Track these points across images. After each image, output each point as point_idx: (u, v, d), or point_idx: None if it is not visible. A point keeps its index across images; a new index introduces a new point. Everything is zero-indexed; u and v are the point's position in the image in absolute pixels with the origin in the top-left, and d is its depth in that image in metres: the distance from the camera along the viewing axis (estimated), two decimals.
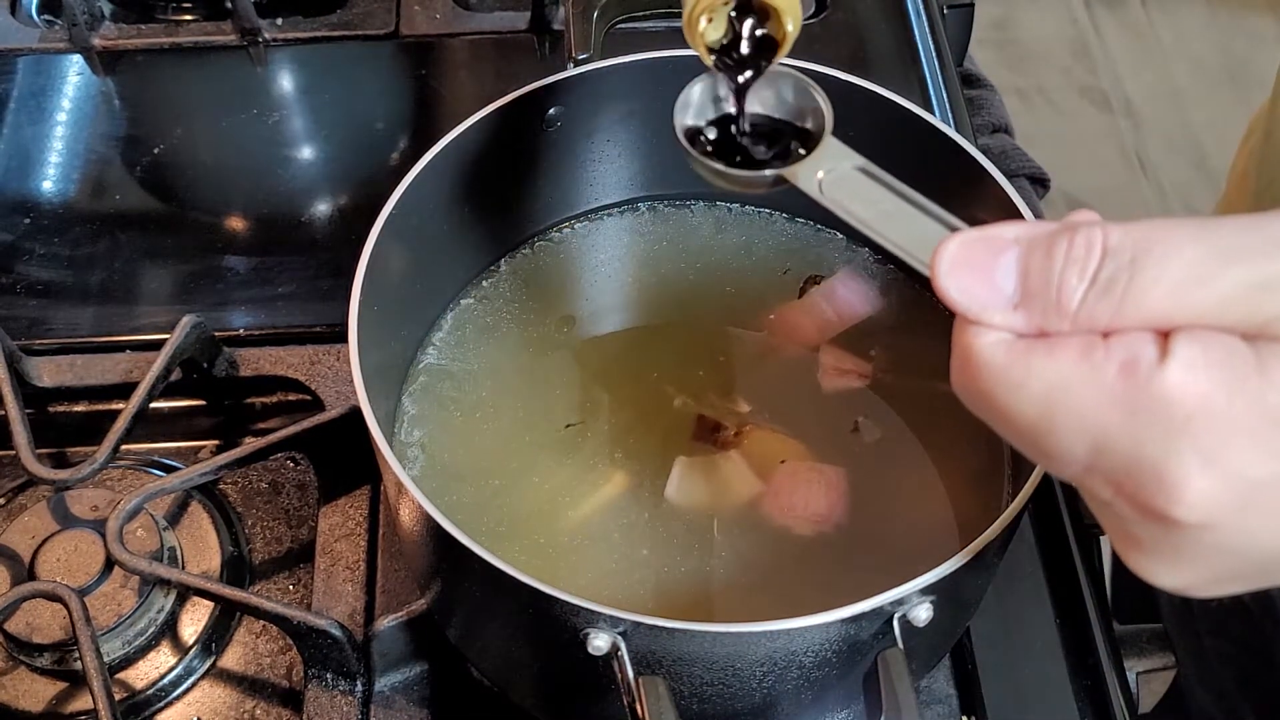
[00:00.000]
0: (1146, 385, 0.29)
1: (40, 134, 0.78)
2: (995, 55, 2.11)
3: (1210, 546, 0.31)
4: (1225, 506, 0.29)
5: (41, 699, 0.57)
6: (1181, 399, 0.29)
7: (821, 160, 0.40)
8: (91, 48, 0.82)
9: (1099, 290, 0.30)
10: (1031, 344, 0.31)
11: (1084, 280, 0.30)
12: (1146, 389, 0.29)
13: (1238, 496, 0.29)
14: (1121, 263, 0.30)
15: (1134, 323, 0.30)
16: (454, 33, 0.84)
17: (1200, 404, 0.29)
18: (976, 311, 0.32)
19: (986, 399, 0.32)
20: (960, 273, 0.32)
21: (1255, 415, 0.29)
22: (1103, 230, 0.30)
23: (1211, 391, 0.29)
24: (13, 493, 0.63)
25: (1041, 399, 0.31)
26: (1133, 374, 0.29)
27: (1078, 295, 0.30)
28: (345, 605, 0.58)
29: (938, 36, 0.82)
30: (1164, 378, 0.29)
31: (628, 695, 0.43)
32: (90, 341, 0.68)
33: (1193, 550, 0.31)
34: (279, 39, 0.83)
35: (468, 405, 0.58)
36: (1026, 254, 0.31)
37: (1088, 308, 0.30)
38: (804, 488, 0.54)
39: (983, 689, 0.56)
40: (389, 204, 0.52)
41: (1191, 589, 0.33)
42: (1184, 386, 0.29)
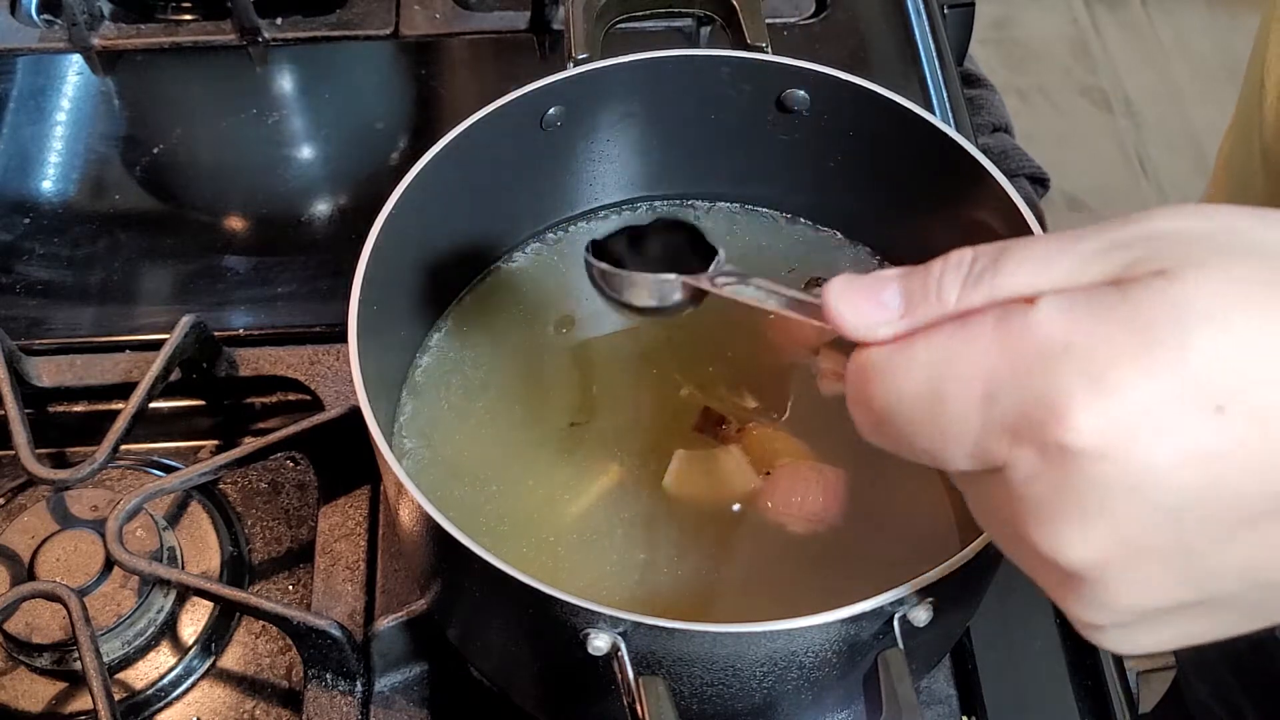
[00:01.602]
0: (1023, 329, 0.31)
1: (40, 134, 0.78)
2: (995, 55, 2.11)
3: (1111, 485, 0.30)
4: (1116, 428, 0.29)
5: (41, 699, 0.57)
6: (1056, 331, 0.30)
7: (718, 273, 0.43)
8: (91, 47, 0.82)
9: (973, 282, 0.32)
10: (913, 335, 0.33)
11: (959, 278, 0.33)
12: (1023, 332, 0.31)
13: (1126, 418, 0.29)
14: (989, 258, 0.32)
15: (1005, 295, 0.32)
16: (454, 32, 0.84)
17: (1074, 332, 0.30)
18: (866, 328, 0.34)
19: (878, 402, 0.34)
20: (849, 296, 0.35)
21: (1128, 335, 0.29)
22: (973, 248, 0.33)
23: (1082, 319, 0.30)
24: (12, 493, 0.63)
25: (927, 374, 0.32)
26: (1007, 322, 0.31)
27: (955, 291, 0.33)
28: (345, 605, 0.58)
29: (938, 36, 0.82)
30: (1037, 318, 0.31)
31: (628, 695, 0.43)
32: (90, 341, 0.68)
33: (1094, 493, 0.30)
34: (279, 39, 0.83)
35: (468, 405, 0.58)
36: (906, 277, 0.34)
37: (963, 297, 0.32)
38: (802, 486, 0.54)
39: (983, 689, 0.56)
40: (389, 204, 0.52)
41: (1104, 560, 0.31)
42: (1056, 320, 0.30)
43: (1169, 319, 0.29)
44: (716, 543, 0.53)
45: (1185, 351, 0.29)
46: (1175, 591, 0.31)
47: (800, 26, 0.83)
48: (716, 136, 0.61)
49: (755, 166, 0.62)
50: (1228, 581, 0.31)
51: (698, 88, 0.59)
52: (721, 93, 0.59)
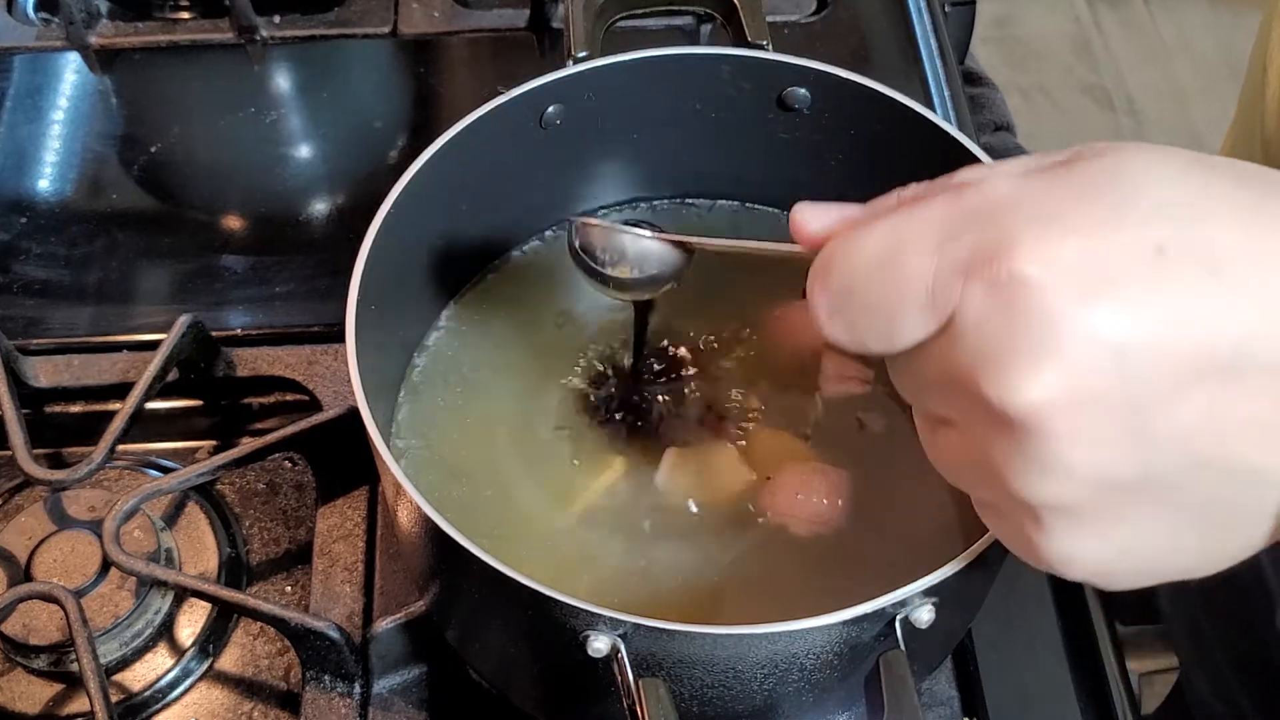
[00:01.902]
0: (975, 190, 0.33)
1: (37, 133, 0.78)
2: (997, 53, 2.11)
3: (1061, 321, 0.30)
4: (1063, 264, 0.30)
5: (38, 701, 0.56)
6: (1007, 190, 0.32)
7: None
8: (88, 46, 0.82)
9: (931, 185, 0.35)
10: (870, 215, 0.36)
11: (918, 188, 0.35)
12: (976, 192, 0.33)
13: (1072, 256, 0.30)
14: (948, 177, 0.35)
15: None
16: (452, 31, 0.83)
17: (1023, 190, 0.32)
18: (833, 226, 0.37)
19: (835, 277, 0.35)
20: (813, 210, 0.38)
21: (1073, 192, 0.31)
22: None
23: (1032, 183, 0.32)
24: (9, 493, 0.63)
25: (885, 235, 0.34)
26: (959, 188, 0.33)
27: (912, 192, 0.35)
28: (343, 607, 0.57)
29: (940, 34, 0.82)
30: (989, 182, 0.33)
31: (628, 697, 0.42)
32: (87, 341, 0.67)
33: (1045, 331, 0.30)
34: (276, 37, 0.82)
35: (466, 405, 0.57)
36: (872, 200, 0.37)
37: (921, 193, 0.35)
38: (806, 488, 0.53)
39: (985, 691, 0.56)
40: (387, 203, 0.52)
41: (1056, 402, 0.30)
42: (1006, 183, 0.32)
43: (1109, 178, 0.31)
44: (718, 544, 0.53)
45: (1123, 200, 0.31)
46: (1121, 455, 0.31)
47: (801, 24, 0.82)
48: (717, 135, 0.61)
49: (756, 165, 0.62)
50: (1173, 454, 0.31)
51: (698, 86, 0.59)
52: (722, 91, 0.58)
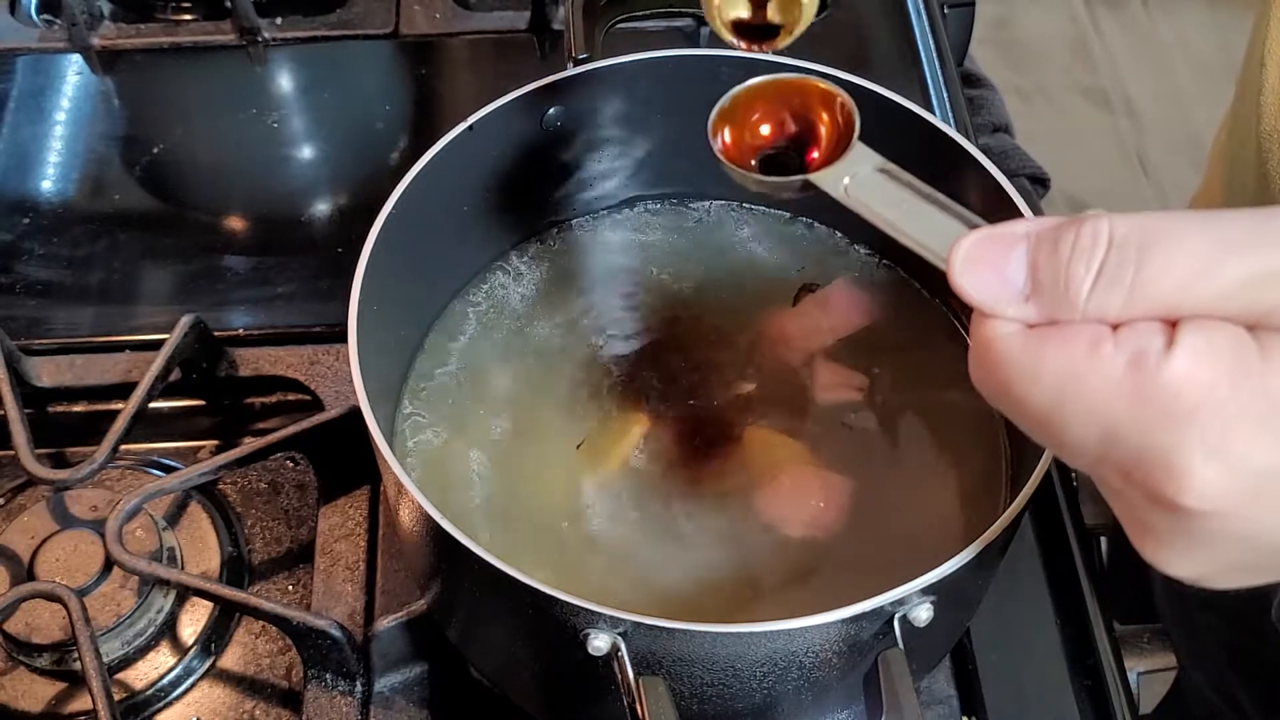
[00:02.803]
0: (1154, 376, 0.30)
1: (39, 134, 0.78)
2: (996, 54, 2.11)
3: (1221, 535, 0.31)
4: (1233, 494, 0.30)
5: (41, 699, 0.57)
6: (1187, 389, 0.30)
7: (848, 165, 0.41)
8: (90, 47, 0.82)
9: (1106, 281, 0.31)
10: (1044, 335, 0.32)
11: (1090, 271, 0.31)
12: (1154, 380, 0.30)
13: (1245, 484, 0.30)
14: (1128, 254, 0.31)
15: (1141, 313, 0.31)
16: (454, 32, 0.83)
17: (1206, 393, 0.30)
18: (990, 305, 0.33)
19: (1004, 389, 0.33)
20: (973, 268, 0.33)
21: (1260, 403, 0.29)
22: (1109, 221, 0.31)
23: (1216, 380, 0.30)
24: (12, 493, 0.63)
25: (1054, 390, 0.32)
26: (1140, 366, 0.30)
27: (1085, 286, 0.31)
28: (345, 606, 0.58)
29: (938, 36, 0.82)
30: (1170, 368, 0.30)
31: (628, 696, 0.43)
32: (90, 341, 0.68)
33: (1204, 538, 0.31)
34: (278, 38, 0.83)
35: (468, 405, 0.58)
36: (1035, 248, 0.32)
37: (1096, 298, 0.31)
38: (804, 492, 0.54)
39: (983, 690, 0.56)
40: (389, 204, 0.52)
41: (1205, 579, 0.33)
42: (1190, 377, 0.30)
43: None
44: (718, 543, 0.53)
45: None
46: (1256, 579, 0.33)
47: None
48: None
49: None
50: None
51: (698, 87, 0.58)
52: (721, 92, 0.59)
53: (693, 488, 0.54)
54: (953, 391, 0.56)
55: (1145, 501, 0.32)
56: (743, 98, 0.46)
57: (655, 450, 0.56)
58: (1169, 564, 0.33)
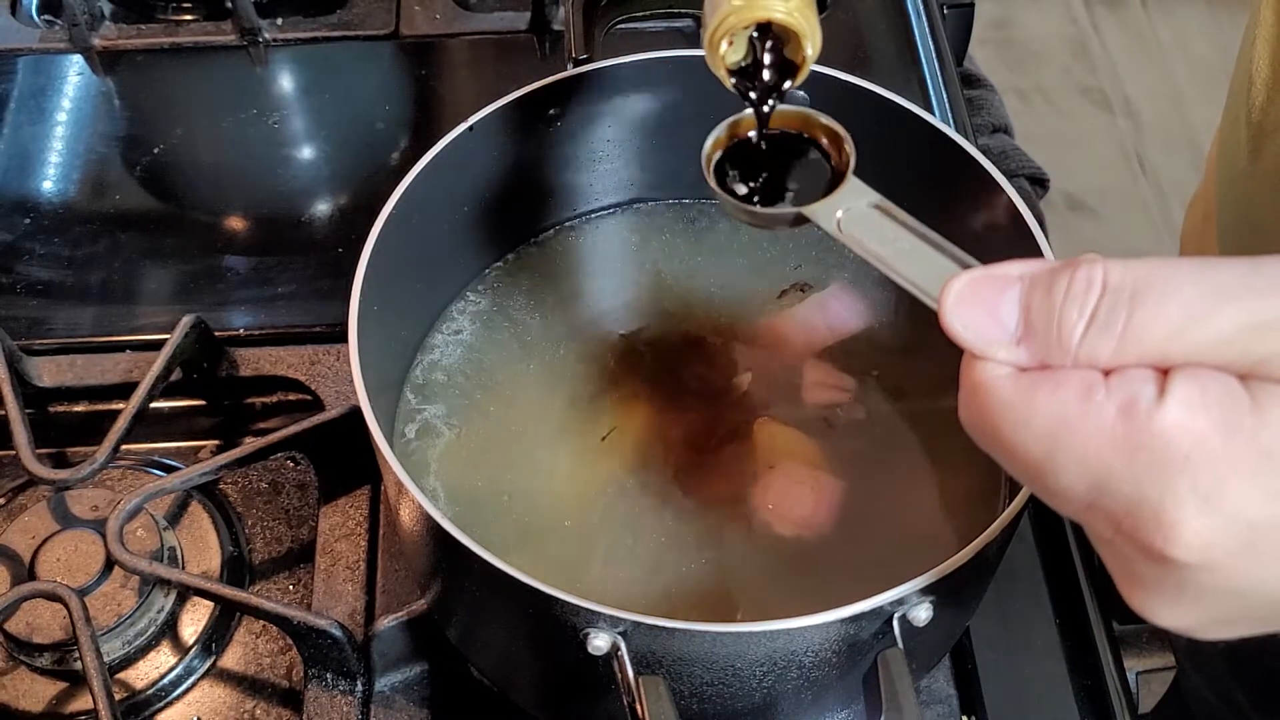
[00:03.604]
0: (1145, 425, 0.30)
1: (40, 134, 0.78)
2: (995, 55, 2.11)
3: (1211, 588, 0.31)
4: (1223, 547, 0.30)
5: (41, 699, 0.57)
6: (1179, 439, 0.29)
7: (842, 199, 0.41)
8: (91, 48, 0.82)
9: (1099, 327, 0.31)
10: (1036, 380, 0.32)
11: (1083, 317, 0.31)
12: (1145, 429, 0.30)
13: (1236, 537, 0.29)
14: (1121, 299, 0.30)
15: (1133, 359, 0.30)
16: (454, 33, 0.84)
17: (1197, 444, 0.29)
18: (981, 347, 0.33)
19: (993, 433, 0.33)
20: (965, 309, 0.33)
21: (1251, 455, 0.29)
22: (1104, 267, 0.31)
23: (1208, 431, 0.29)
24: (13, 493, 0.63)
25: (1044, 436, 0.31)
26: (1132, 414, 0.30)
27: (1078, 331, 0.31)
28: (345, 605, 0.58)
29: (938, 36, 0.82)
30: (1162, 418, 0.30)
31: (628, 695, 0.43)
32: (90, 341, 0.68)
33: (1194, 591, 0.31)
34: (279, 39, 0.83)
35: (468, 405, 0.58)
36: (1028, 290, 0.32)
37: (1088, 344, 0.31)
38: (795, 491, 0.54)
39: (982, 689, 0.56)
40: (389, 204, 0.52)
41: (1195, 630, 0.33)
42: (1181, 427, 0.29)
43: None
44: (718, 543, 0.53)
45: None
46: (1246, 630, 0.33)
47: None
48: None
49: None
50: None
51: (697, 88, 0.59)
52: (722, 93, 0.59)
53: (692, 487, 0.55)
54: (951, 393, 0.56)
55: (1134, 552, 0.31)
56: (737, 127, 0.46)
57: (655, 449, 0.56)
58: (1157, 615, 0.32)
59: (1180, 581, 0.31)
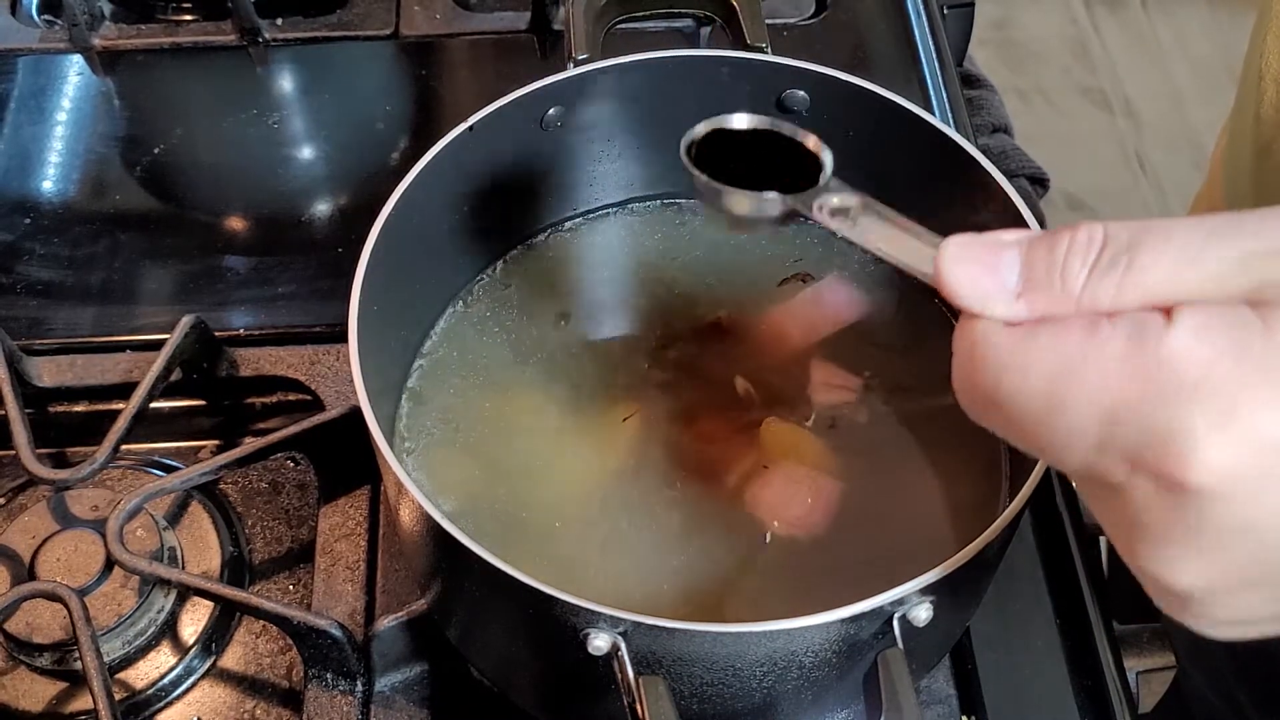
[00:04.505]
0: (1155, 351, 0.30)
1: (40, 134, 0.78)
2: (995, 55, 2.12)
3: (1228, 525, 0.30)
4: (1240, 469, 0.29)
5: (41, 699, 0.57)
6: (1190, 362, 0.29)
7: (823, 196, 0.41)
8: (91, 48, 0.82)
9: (1100, 272, 0.31)
10: (1036, 328, 0.32)
11: (1085, 265, 0.31)
12: (1155, 354, 0.30)
13: (1252, 458, 0.29)
14: (1120, 246, 0.31)
15: (1135, 301, 0.31)
16: (454, 33, 0.84)
17: (1209, 366, 0.29)
18: (980, 301, 0.33)
19: (992, 391, 0.33)
20: (964, 264, 0.33)
21: (1264, 374, 0.29)
22: (1103, 225, 0.31)
23: (1219, 353, 0.29)
24: (13, 493, 0.63)
25: (1049, 377, 0.31)
26: (1141, 342, 0.30)
27: (1080, 279, 0.31)
28: (345, 605, 0.58)
29: (938, 36, 0.82)
30: (1171, 343, 0.30)
31: (628, 695, 0.43)
32: (90, 341, 0.68)
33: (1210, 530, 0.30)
34: (279, 39, 0.83)
35: (468, 405, 0.58)
36: (1029, 249, 0.32)
37: (1090, 289, 0.31)
38: (791, 490, 0.54)
39: (983, 689, 0.56)
40: (389, 204, 0.52)
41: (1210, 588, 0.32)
42: (1192, 350, 0.29)
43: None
44: (719, 543, 0.53)
45: None
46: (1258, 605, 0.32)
47: (800, 27, 0.83)
48: None
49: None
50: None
51: (698, 88, 0.59)
52: (721, 93, 0.59)
53: (693, 486, 0.55)
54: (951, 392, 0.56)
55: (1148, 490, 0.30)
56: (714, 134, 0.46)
57: (656, 449, 0.56)
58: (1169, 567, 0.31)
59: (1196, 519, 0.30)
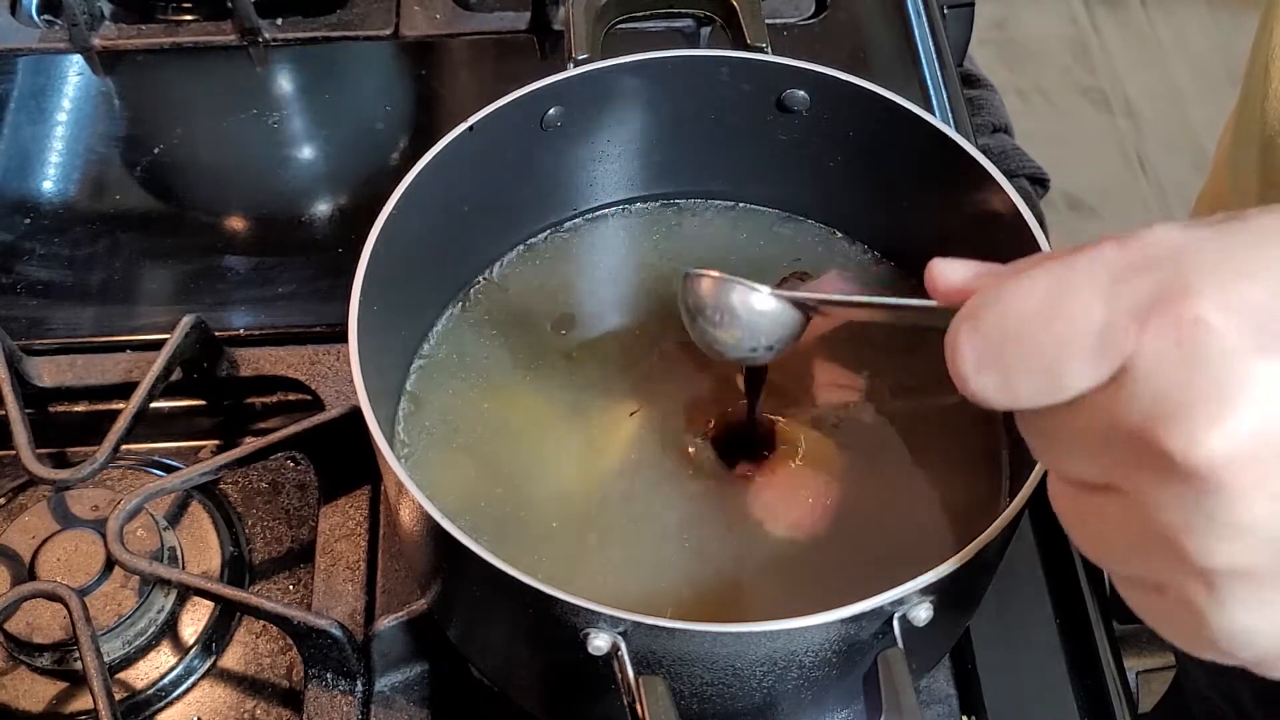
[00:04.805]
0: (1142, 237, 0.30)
1: (40, 134, 0.78)
2: (995, 55, 2.11)
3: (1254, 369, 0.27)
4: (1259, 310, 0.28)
5: (41, 699, 0.57)
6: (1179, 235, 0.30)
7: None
8: (91, 48, 0.82)
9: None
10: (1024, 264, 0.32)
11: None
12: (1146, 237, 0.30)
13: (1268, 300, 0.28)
14: None
15: None
16: (454, 33, 0.84)
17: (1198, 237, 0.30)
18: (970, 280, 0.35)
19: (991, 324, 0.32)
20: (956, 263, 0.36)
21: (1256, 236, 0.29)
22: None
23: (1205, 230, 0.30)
24: (13, 493, 0.63)
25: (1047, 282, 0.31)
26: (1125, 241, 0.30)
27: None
28: (345, 605, 0.58)
29: (938, 36, 0.82)
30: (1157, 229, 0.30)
31: (628, 695, 0.43)
32: (90, 341, 0.68)
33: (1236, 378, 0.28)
34: (279, 39, 0.83)
35: (467, 405, 0.58)
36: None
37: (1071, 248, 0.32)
38: (788, 491, 0.54)
39: (983, 689, 0.56)
40: (389, 204, 0.52)
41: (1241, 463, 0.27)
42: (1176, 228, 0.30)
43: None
44: (719, 542, 0.53)
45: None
46: None
47: (800, 27, 0.83)
48: (716, 136, 0.61)
49: (755, 166, 0.62)
50: None
51: (698, 88, 0.59)
52: (721, 93, 0.59)
53: (694, 487, 0.55)
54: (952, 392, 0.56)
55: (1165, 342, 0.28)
56: None
57: (656, 449, 0.56)
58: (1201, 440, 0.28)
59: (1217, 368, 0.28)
